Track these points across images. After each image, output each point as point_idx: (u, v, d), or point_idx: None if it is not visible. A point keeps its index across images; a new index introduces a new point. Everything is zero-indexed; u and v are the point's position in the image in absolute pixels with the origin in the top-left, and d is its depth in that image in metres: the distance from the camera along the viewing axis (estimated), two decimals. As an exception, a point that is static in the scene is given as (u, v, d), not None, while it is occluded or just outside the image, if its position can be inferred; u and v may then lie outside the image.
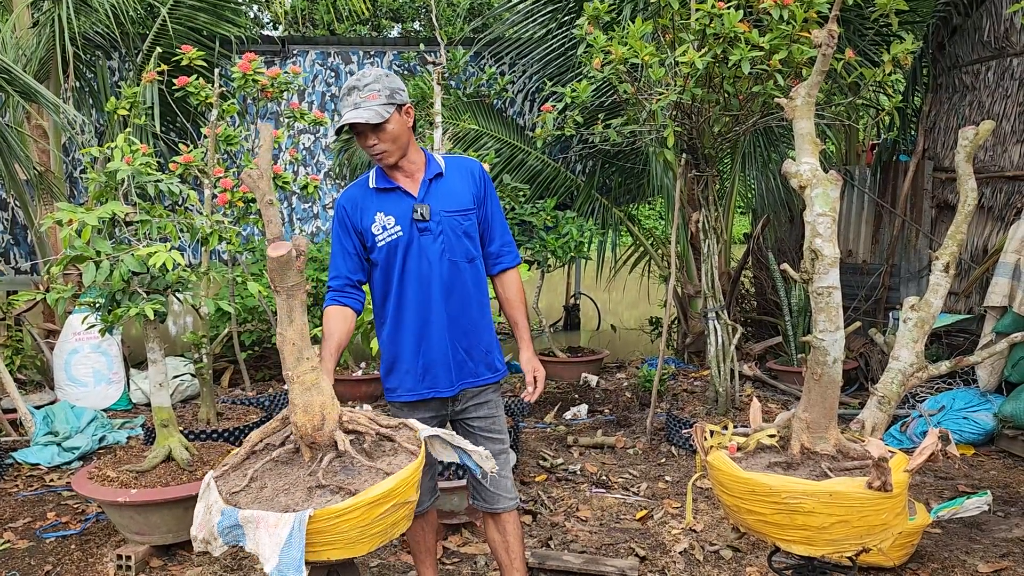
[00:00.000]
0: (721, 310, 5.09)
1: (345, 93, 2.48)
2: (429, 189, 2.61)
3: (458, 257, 2.62)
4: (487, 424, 2.74)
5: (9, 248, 7.35)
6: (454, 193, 2.64)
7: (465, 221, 2.65)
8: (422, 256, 2.58)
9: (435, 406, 2.68)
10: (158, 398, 3.65)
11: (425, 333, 2.61)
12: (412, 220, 2.57)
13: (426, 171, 2.63)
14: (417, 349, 2.62)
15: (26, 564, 3.50)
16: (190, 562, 3.49)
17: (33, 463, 4.77)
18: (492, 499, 2.72)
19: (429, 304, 2.60)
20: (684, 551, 3.49)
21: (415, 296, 2.60)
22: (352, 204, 2.61)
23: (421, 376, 2.63)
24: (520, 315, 2.81)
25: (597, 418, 5.92)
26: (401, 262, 2.59)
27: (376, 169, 2.65)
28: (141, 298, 3.44)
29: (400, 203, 2.58)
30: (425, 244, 2.58)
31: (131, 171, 3.58)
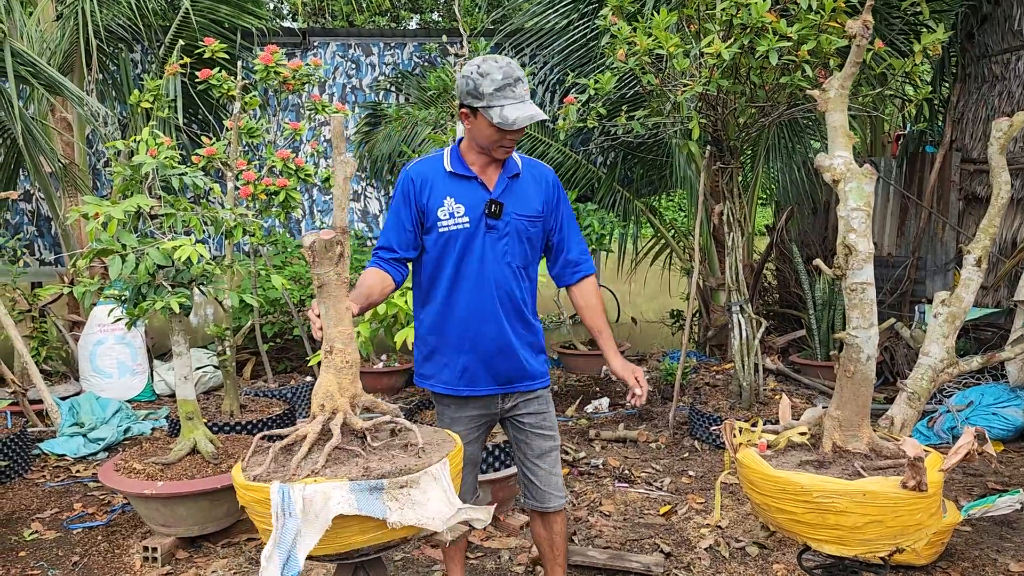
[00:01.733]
0: (745, 303, 5.04)
1: (508, 83, 2.34)
2: (507, 187, 2.53)
3: (517, 261, 2.56)
4: (537, 420, 2.69)
5: (34, 240, 7.41)
6: (527, 197, 2.57)
7: (532, 227, 2.58)
8: (483, 253, 2.50)
9: (481, 404, 2.63)
10: (183, 391, 3.66)
11: (472, 331, 2.54)
12: (483, 214, 2.49)
13: (505, 168, 2.55)
14: (460, 345, 2.56)
15: (54, 555, 3.53)
16: (215, 554, 3.51)
17: (59, 454, 4.82)
18: (544, 498, 2.70)
19: (481, 303, 2.52)
20: (709, 547, 3.46)
21: (468, 292, 2.52)
22: (421, 180, 2.52)
23: (460, 373, 2.58)
24: (602, 322, 2.72)
25: (619, 411, 5.90)
26: (460, 254, 2.50)
27: (453, 151, 2.55)
28: (166, 291, 3.45)
29: (473, 194, 2.50)
30: (489, 241, 2.50)
31: (156, 164, 3.58)
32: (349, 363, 2.11)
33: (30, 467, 4.61)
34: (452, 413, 2.67)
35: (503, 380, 2.60)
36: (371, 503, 1.82)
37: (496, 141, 2.43)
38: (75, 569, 3.39)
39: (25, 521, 3.90)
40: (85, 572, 3.37)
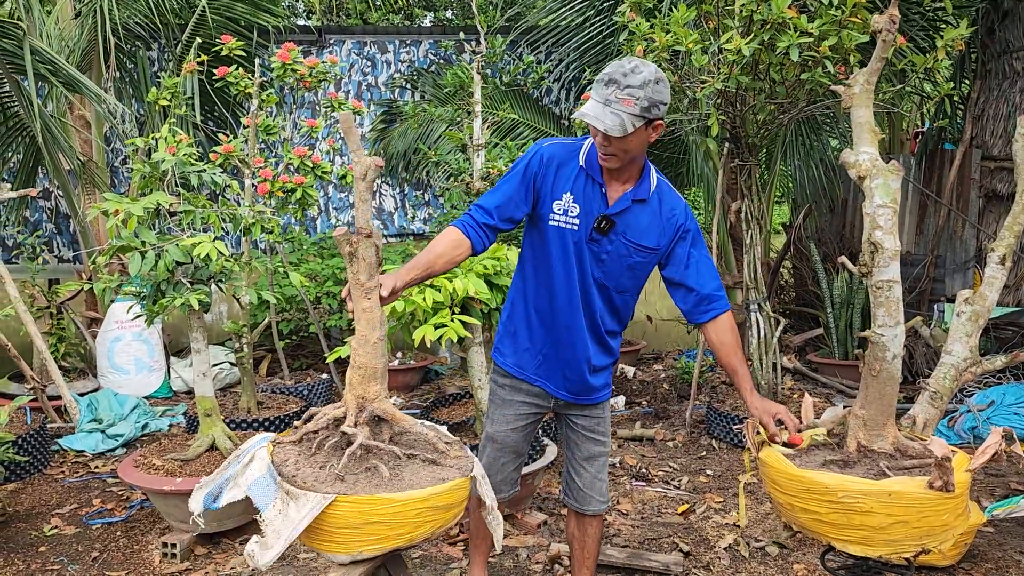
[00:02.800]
0: (763, 301, 5.01)
1: (604, 80, 2.22)
2: (627, 208, 2.40)
3: (610, 283, 2.46)
4: (591, 424, 2.66)
5: (52, 237, 7.46)
6: (644, 227, 2.42)
7: (638, 255, 2.44)
8: (580, 261, 2.43)
9: (536, 396, 2.60)
10: (202, 387, 3.67)
11: (555, 332, 2.51)
12: (592, 225, 2.39)
13: (635, 187, 2.41)
14: (544, 339, 2.53)
15: (74, 550, 3.55)
16: (233, 551, 3.51)
17: (78, 450, 4.84)
18: (584, 500, 2.69)
19: (568, 308, 2.47)
20: (729, 547, 3.44)
21: (558, 292, 2.46)
22: (552, 162, 2.41)
23: (537, 364, 2.55)
24: (739, 361, 2.51)
25: (635, 410, 5.88)
26: (561, 253, 2.43)
27: (591, 146, 2.41)
28: (185, 288, 3.46)
29: (594, 201, 2.39)
30: (588, 253, 2.42)
31: (175, 161, 3.59)
32: (358, 365, 2.13)
33: (49, 463, 4.63)
34: (505, 395, 2.64)
35: (571, 389, 2.57)
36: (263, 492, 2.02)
37: (593, 134, 2.32)
38: (95, 564, 3.41)
39: (45, 516, 3.92)
40: (105, 567, 3.38)
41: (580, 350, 2.50)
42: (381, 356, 2.12)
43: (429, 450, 2.15)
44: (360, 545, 1.97)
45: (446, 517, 2.04)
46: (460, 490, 2.04)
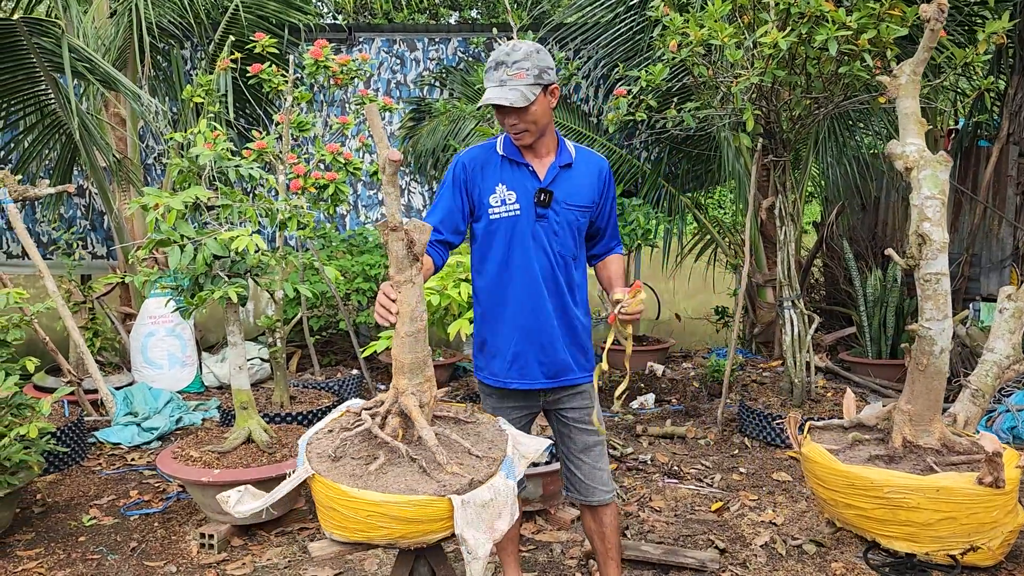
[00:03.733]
0: (797, 299, 4.96)
1: (492, 67, 2.37)
2: (557, 176, 2.51)
3: (566, 251, 2.53)
4: (581, 415, 2.66)
5: (87, 234, 7.56)
6: (579, 187, 2.55)
7: (581, 217, 2.56)
8: (533, 241, 2.48)
9: (522, 397, 2.61)
10: (238, 380, 3.70)
11: (521, 322, 2.52)
12: (533, 203, 2.48)
13: (557, 156, 2.53)
14: (511, 336, 2.54)
15: (112, 540, 3.59)
16: (269, 543, 3.54)
17: (114, 442, 4.90)
18: (587, 491, 2.68)
19: (530, 292, 2.50)
20: (765, 544, 3.41)
21: (516, 280, 2.51)
22: (474, 165, 2.52)
23: (509, 363, 2.55)
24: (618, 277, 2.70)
25: (665, 408, 5.84)
26: (508, 241, 2.50)
27: (505, 138, 2.54)
28: (223, 281, 3.49)
29: (525, 181, 2.50)
30: (538, 230, 2.49)
31: (213, 156, 3.62)
32: (392, 357, 2.14)
33: (86, 455, 4.70)
34: (493, 403, 2.67)
35: (550, 373, 2.56)
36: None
37: (499, 122, 2.45)
38: (133, 554, 3.45)
39: (83, 507, 3.97)
40: (143, 557, 3.42)
41: (549, 329, 2.52)
42: (409, 351, 2.09)
43: (430, 458, 2.01)
44: (330, 526, 1.99)
45: (409, 530, 1.89)
46: (424, 507, 1.86)
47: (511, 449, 2.10)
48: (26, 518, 3.83)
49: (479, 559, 1.89)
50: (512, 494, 1.99)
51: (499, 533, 1.93)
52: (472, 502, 1.89)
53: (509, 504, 1.97)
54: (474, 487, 1.92)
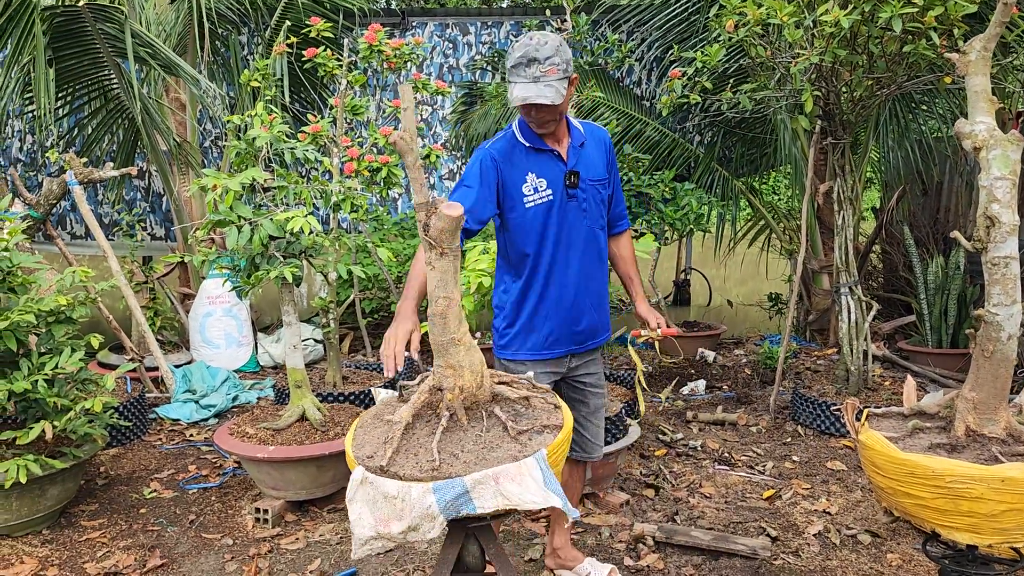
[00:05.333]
0: (855, 285, 4.85)
1: (522, 63, 2.39)
2: (579, 156, 2.64)
3: (597, 225, 2.69)
4: (595, 380, 2.87)
5: (146, 215, 7.76)
6: (594, 162, 2.69)
7: (604, 191, 2.72)
8: (567, 222, 2.62)
9: (553, 364, 2.72)
10: (292, 359, 3.76)
11: (563, 296, 2.65)
12: (564, 186, 2.59)
13: (571, 137, 2.65)
14: (550, 312, 2.67)
15: (171, 512, 3.70)
16: (322, 519, 3.60)
17: (174, 418, 5.04)
18: (591, 448, 2.91)
19: (570, 269, 2.64)
20: (819, 533, 3.36)
21: (557, 261, 2.64)
22: (503, 157, 2.57)
23: (545, 337, 2.69)
24: (635, 271, 2.95)
25: (716, 394, 5.78)
26: (544, 225, 2.61)
27: (520, 124, 2.62)
28: (278, 261, 3.55)
29: (553, 167, 2.60)
30: (570, 210, 2.62)
31: (269, 138, 3.67)
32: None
33: (147, 430, 4.84)
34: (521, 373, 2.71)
35: (581, 340, 2.73)
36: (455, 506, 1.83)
37: (524, 115, 2.53)
38: (191, 527, 3.55)
39: (144, 480, 4.10)
40: (201, 529, 3.51)
41: (585, 300, 2.69)
42: (440, 332, 2.08)
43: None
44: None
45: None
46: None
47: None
48: (90, 490, 3.97)
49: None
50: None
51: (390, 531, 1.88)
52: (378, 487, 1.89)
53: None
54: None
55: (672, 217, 6.42)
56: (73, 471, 3.53)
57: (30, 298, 3.45)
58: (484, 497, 1.83)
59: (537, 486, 1.84)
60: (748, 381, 6.01)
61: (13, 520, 3.36)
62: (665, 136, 7.39)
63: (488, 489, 1.82)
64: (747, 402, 5.52)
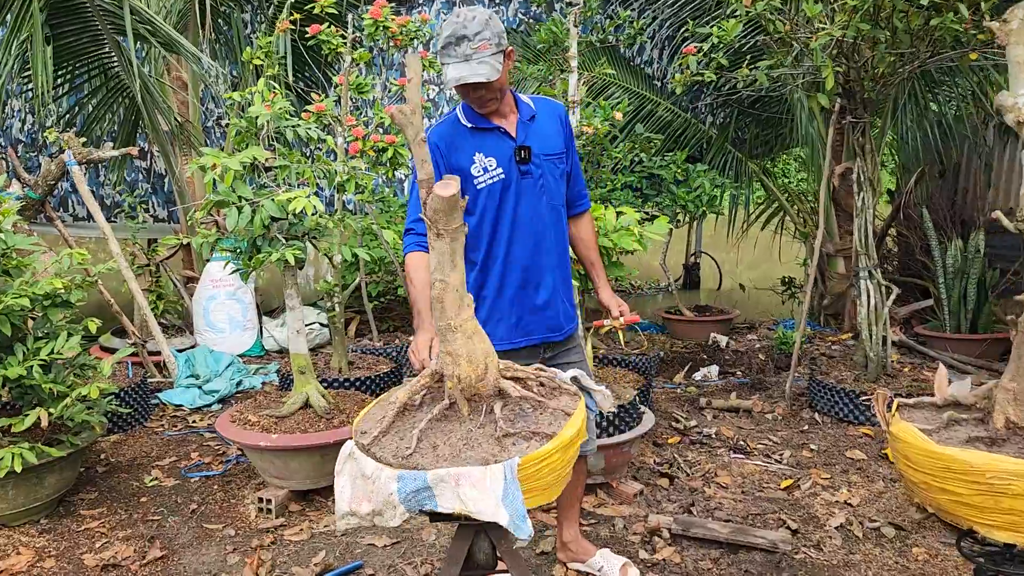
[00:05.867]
0: (874, 269, 4.71)
1: (451, 42, 2.27)
2: (528, 131, 2.51)
3: (556, 200, 2.56)
4: (580, 368, 2.64)
5: (148, 197, 7.65)
6: (548, 136, 2.56)
7: (560, 165, 2.59)
8: (523, 201, 2.48)
9: (526, 355, 2.57)
10: (296, 345, 3.65)
11: (525, 280, 2.53)
12: (514, 162, 2.46)
13: (519, 112, 2.52)
14: (515, 297, 2.54)
15: (173, 502, 3.60)
16: (326, 508, 3.51)
17: (177, 404, 4.95)
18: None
19: (529, 251, 2.51)
20: (841, 526, 3.24)
21: (516, 242, 2.50)
22: (446, 142, 2.46)
23: (515, 324, 2.57)
24: (596, 255, 2.82)
25: (729, 380, 5.66)
26: (499, 207, 2.48)
27: (463, 106, 2.51)
28: (281, 243, 3.43)
29: (500, 144, 2.47)
30: (526, 188, 2.49)
31: (271, 116, 3.55)
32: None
33: (149, 416, 4.75)
34: None
35: (553, 326, 2.61)
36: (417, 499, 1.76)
37: (463, 96, 2.42)
38: (193, 516, 3.45)
39: (145, 468, 4.01)
40: (202, 519, 3.42)
41: (549, 283, 2.56)
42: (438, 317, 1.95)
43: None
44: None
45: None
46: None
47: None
48: (90, 477, 3.88)
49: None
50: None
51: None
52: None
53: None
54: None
55: (685, 199, 6.29)
56: (71, 459, 3.44)
57: (25, 281, 3.34)
58: (445, 496, 1.74)
59: (493, 497, 1.71)
60: (762, 367, 5.89)
61: (9, 509, 3.27)
62: (677, 116, 7.23)
63: (448, 488, 1.73)
64: (762, 388, 5.40)
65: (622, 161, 6.16)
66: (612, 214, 3.71)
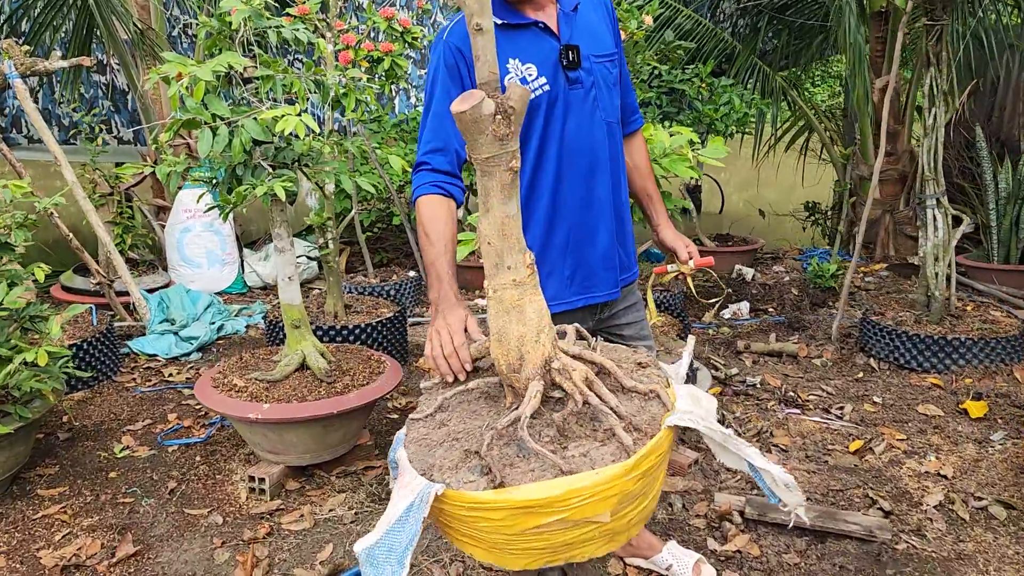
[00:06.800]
0: (943, 196, 4.15)
1: None
2: (573, 25, 1.90)
3: (611, 117, 1.98)
4: (638, 330, 2.17)
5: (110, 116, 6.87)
6: (596, 31, 1.97)
7: (613, 69, 1.99)
8: (572, 118, 1.89)
9: (580, 318, 1.98)
10: (288, 294, 3.06)
11: (581, 221, 1.95)
12: (560, 68, 1.87)
13: (559, 1, 1.92)
14: (566, 244, 1.96)
15: (147, 479, 3.06)
16: (330, 486, 2.98)
17: (150, 353, 4.37)
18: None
19: (583, 182, 1.93)
20: (940, 505, 2.76)
21: (566, 173, 1.91)
22: (468, 45, 1.76)
23: (570, 279, 1.99)
24: (654, 185, 2.27)
25: (763, 319, 5.15)
26: (544, 127, 1.88)
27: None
28: (266, 173, 2.81)
29: (540, 45, 1.87)
30: (575, 101, 1.90)
31: (248, 12, 2.86)
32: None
33: (119, 368, 4.17)
34: None
35: (613, 278, 2.04)
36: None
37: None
38: (172, 498, 2.91)
39: (115, 434, 3.45)
40: (183, 502, 2.89)
41: (607, 221, 1.99)
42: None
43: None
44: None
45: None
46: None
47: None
48: (50, 446, 3.32)
49: None
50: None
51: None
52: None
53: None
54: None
55: (712, 117, 5.65)
56: (22, 433, 2.87)
57: (-51, 221, 2.70)
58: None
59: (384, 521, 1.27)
60: (797, 303, 5.38)
61: (-51, 496, 2.72)
62: (699, 25, 6.52)
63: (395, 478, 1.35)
64: (801, 328, 4.89)
65: (640, 74, 5.49)
66: (664, 134, 3.09)
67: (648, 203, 2.24)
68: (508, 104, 1.31)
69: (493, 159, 1.34)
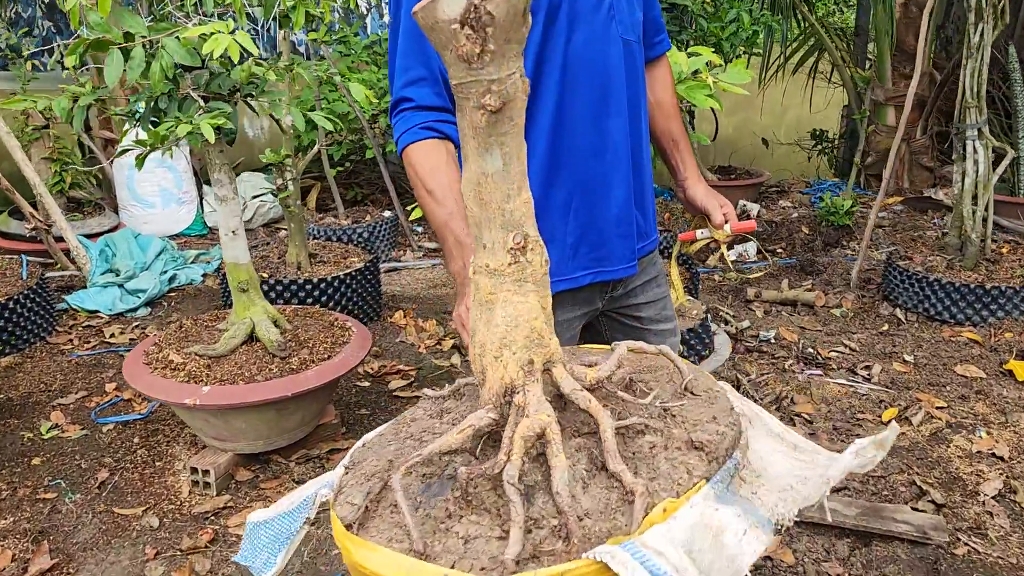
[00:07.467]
0: (984, 125, 3.68)
1: None
2: None
3: (632, 34, 1.48)
4: (659, 311, 1.69)
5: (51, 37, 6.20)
6: None
7: None
8: (580, 30, 1.38)
9: (587, 298, 1.56)
10: (232, 251, 2.59)
11: (590, 172, 1.46)
12: None
13: None
14: (569, 201, 1.47)
15: (75, 468, 2.63)
16: (288, 475, 2.56)
17: (90, 310, 3.89)
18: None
19: (596, 120, 1.43)
20: (1000, 495, 2.37)
21: (570, 103, 1.41)
22: None
23: (573, 247, 1.50)
24: (680, 126, 1.72)
25: (773, 261, 4.72)
26: (541, 41, 1.37)
27: None
28: (196, 106, 2.29)
29: None
30: (584, 8, 1.39)
31: (166, -98, 2.30)
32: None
33: (54, 328, 3.70)
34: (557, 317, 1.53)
35: (629, 247, 1.55)
36: None
37: None
38: (101, 493, 2.49)
39: (43, 408, 3.00)
40: (114, 499, 2.46)
41: (623, 174, 1.49)
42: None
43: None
44: None
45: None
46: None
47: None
48: (-34, 426, 2.88)
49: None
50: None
51: None
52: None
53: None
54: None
55: (718, 36, 5.09)
56: (-82, 420, 2.42)
57: None
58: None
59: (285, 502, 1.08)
60: (808, 243, 4.94)
61: None
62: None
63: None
64: (814, 272, 4.47)
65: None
66: (681, 55, 2.58)
67: (673, 150, 1.71)
68: (484, 9, 0.81)
69: (461, 88, 0.85)
